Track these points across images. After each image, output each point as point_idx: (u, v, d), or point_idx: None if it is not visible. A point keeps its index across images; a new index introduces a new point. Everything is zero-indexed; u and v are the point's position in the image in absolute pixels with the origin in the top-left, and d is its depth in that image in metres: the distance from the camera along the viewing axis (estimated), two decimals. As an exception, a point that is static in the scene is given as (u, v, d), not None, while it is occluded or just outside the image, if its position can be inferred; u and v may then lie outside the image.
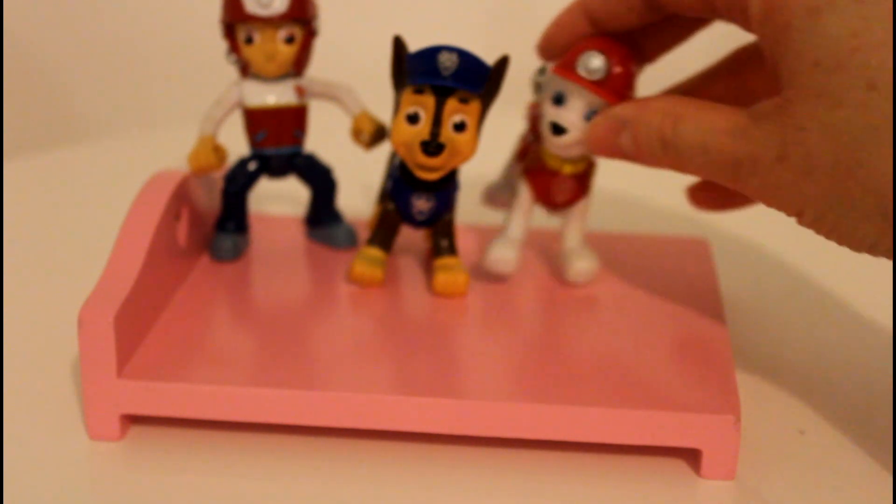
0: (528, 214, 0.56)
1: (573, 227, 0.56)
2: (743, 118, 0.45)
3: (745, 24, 0.46)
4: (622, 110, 0.50)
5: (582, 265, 0.55)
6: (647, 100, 0.49)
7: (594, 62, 0.51)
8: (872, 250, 0.43)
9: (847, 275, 0.66)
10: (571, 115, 0.52)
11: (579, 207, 0.56)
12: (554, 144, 0.53)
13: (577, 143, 0.52)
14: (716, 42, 0.58)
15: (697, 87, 0.55)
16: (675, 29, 0.53)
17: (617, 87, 0.51)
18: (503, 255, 0.55)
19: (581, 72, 0.51)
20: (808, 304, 0.63)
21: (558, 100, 0.52)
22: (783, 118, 0.43)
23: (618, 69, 0.51)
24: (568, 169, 0.54)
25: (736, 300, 0.60)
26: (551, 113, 0.53)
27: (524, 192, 0.56)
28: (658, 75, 0.57)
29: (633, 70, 0.52)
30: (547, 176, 0.55)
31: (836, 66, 0.41)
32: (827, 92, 0.42)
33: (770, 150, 0.44)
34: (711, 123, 0.46)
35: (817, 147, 0.42)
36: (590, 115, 0.52)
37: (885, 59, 0.41)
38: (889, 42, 0.41)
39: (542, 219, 0.58)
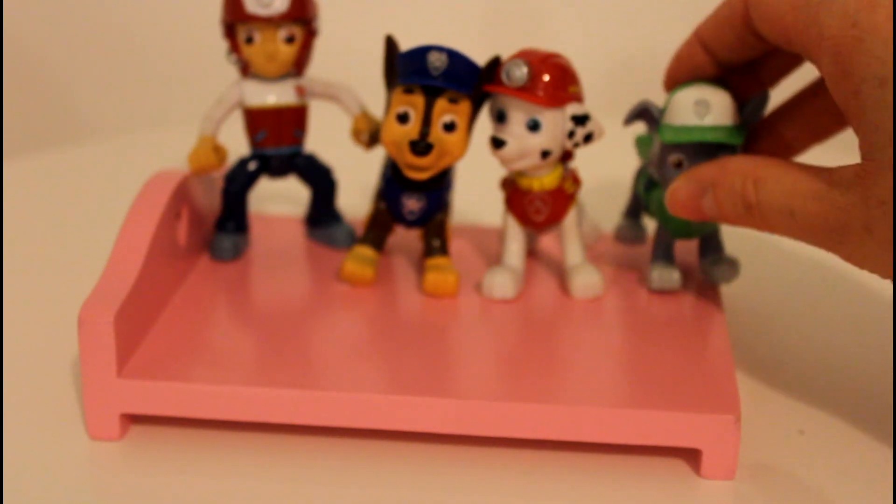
0: (521, 241, 0.56)
1: (570, 245, 0.56)
2: (824, 183, 0.44)
3: (820, 71, 0.45)
4: (702, 173, 0.49)
5: (585, 281, 0.55)
6: (726, 161, 0.49)
7: (514, 70, 0.51)
8: None
9: (847, 275, 0.66)
10: (514, 128, 0.52)
11: (568, 223, 0.55)
12: (499, 158, 0.53)
13: (522, 154, 0.52)
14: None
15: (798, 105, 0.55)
16: (784, 60, 0.53)
17: (547, 90, 0.51)
18: (500, 281, 0.55)
19: (505, 81, 0.51)
20: (808, 304, 0.63)
21: (500, 117, 0.53)
22: (864, 189, 0.43)
23: (544, 74, 0.51)
24: (537, 186, 0.54)
25: (736, 300, 0.60)
26: (494, 130, 0.53)
27: (509, 219, 0.55)
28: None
29: (564, 73, 0.52)
30: (520, 196, 0.55)
31: None
32: None
33: (856, 219, 0.43)
34: (793, 186, 0.45)
35: None
36: (531, 125, 0.52)
37: None
38: None
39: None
